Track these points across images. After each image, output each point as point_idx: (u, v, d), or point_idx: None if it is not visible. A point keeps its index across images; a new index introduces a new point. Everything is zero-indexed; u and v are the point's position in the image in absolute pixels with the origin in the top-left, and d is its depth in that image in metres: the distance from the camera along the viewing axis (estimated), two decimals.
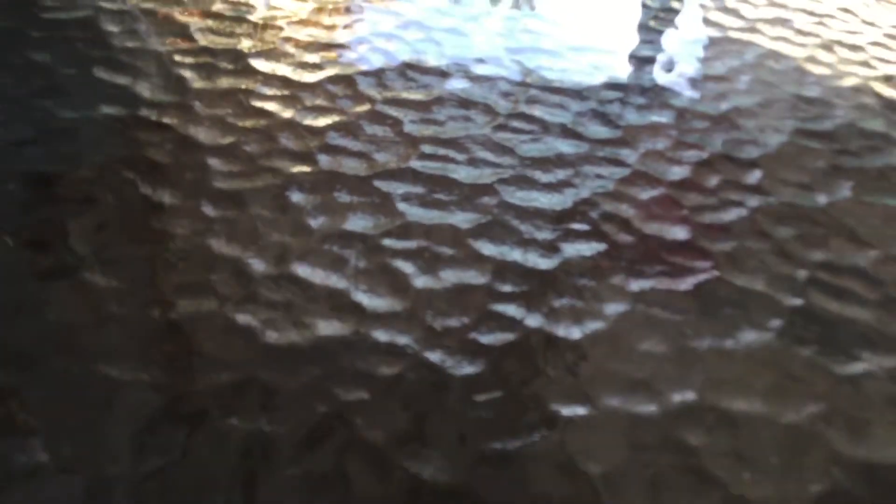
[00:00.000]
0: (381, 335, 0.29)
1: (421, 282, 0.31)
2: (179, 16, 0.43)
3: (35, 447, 0.24)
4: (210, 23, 0.43)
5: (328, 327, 0.29)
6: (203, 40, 0.42)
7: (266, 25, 0.44)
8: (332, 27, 0.45)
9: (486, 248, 0.33)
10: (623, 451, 0.26)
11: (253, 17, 0.44)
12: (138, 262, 0.30)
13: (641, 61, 0.46)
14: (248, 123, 0.37)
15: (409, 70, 0.42)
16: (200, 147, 0.35)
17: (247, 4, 0.45)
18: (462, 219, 0.34)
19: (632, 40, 0.48)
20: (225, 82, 0.39)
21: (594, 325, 0.30)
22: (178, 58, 0.40)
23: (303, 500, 0.24)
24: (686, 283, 0.32)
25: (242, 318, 0.28)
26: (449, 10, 0.48)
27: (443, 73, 0.42)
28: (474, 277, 0.31)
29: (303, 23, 0.45)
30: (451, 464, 0.25)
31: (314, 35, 0.44)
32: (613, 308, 0.31)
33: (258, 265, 0.30)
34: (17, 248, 0.30)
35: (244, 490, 0.24)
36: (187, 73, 0.39)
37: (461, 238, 0.33)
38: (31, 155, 0.34)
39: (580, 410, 0.27)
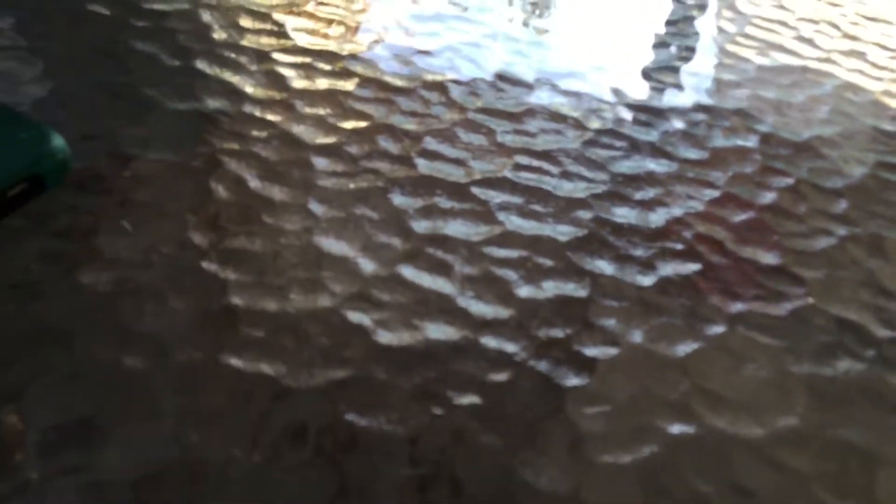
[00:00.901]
0: (489, 342, 0.29)
1: (524, 291, 0.31)
2: (276, 14, 0.44)
3: (166, 434, 0.25)
4: (305, 23, 0.44)
5: (438, 331, 0.29)
6: (300, 40, 0.42)
7: (359, 28, 0.44)
8: (421, 34, 0.45)
9: (585, 262, 0.33)
10: (731, 473, 0.27)
11: (346, 20, 0.45)
12: (254, 256, 0.30)
13: (724, 84, 0.46)
14: (349, 125, 0.37)
15: (500, 81, 0.43)
16: (305, 145, 0.36)
17: (340, 5, 0.46)
18: (560, 231, 0.34)
19: (712, 63, 0.48)
20: (323, 83, 0.40)
21: (694, 345, 0.31)
22: (276, 56, 0.41)
23: (416, 499, 0.24)
24: (782, 309, 0.33)
25: (355, 317, 0.29)
26: (534, 23, 0.49)
27: (531, 86, 0.43)
28: (575, 290, 0.32)
29: (394, 27, 0.45)
30: (565, 474, 0.26)
31: (406, 40, 0.44)
32: (712, 329, 0.31)
33: (367, 265, 0.31)
34: (135, 235, 0.30)
35: (363, 486, 0.24)
36: (287, 72, 0.40)
37: (560, 250, 0.33)
38: (142, 144, 0.34)
39: (687, 429, 0.28)
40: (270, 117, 0.37)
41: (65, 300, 0.28)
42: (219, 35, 0.42)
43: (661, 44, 0.50)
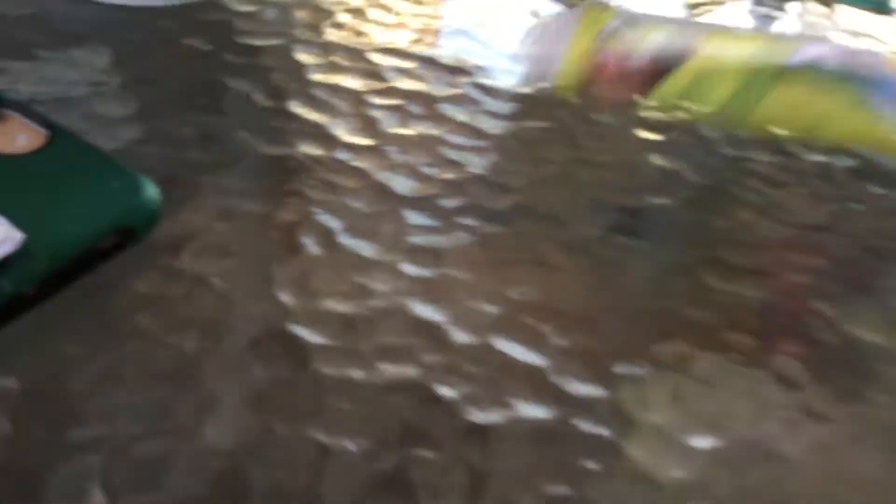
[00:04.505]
0: (583, 424, 0.27)
1: (620, 369, 0.30)
2: (370, 53, 0.43)
3: None
4: (401, 62, 0.43)
5: (530, 410, 0.28)
6: (393, 80, 0.42)
7: (456, 69, 0.43)
8: (519, 78, 0.44)
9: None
10: None
11: (443, 61, 0.44)
12: (341, 319, 0.29)
13: None
14: (442, 175, 0.36)
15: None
16: (396, 197, 0.35)
17: (437, 44, 0.45)
18: None
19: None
20: (416, 128, 0.39)
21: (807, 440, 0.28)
22: (370, 98, 0.40)
23: None
24: None
25: (444, 391, 0.28)
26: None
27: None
28: None
29: (490, 69, 0.44)
30: None
31: (505, 84, 0.43)
32: (821, 429, 0.29)
33: (458, 334, 0.30)
34: (223, 293, 0.29)
35: None
36: (380, 115, 0.39)
37: None
38: (231, 192, 0.34)
39: None
40: (361, 165, 0.36)
41: (147, 360, 0.27)
42: (312, 75, 0.41)
43: None
